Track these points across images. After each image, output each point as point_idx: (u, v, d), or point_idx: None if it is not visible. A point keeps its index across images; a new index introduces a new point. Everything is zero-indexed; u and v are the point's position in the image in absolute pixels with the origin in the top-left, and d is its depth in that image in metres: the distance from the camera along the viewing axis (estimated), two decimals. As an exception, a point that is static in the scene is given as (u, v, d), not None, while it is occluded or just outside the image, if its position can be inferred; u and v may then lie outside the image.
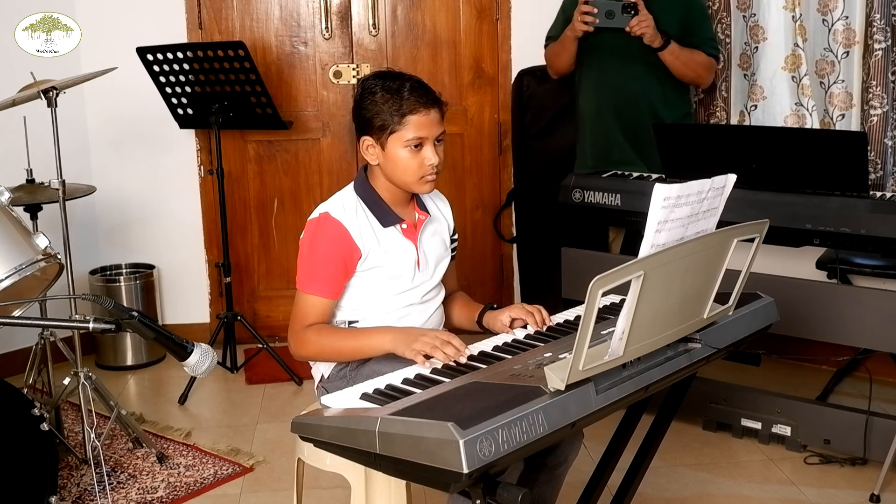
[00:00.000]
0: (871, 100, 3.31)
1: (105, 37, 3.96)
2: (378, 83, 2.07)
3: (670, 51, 3.41)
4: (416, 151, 2.06)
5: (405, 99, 2.03)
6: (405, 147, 2.05)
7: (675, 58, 3.43)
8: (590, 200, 3.31)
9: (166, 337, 1.77)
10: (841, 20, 3.39)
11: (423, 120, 2.04)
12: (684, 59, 3.45)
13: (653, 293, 1.55)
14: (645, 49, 3.42)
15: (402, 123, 2.03)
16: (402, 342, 1.94)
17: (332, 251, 2.07)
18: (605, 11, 3.37)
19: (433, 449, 1.38)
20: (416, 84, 2.07)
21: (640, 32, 3.34)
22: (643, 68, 3.48)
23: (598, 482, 2.11)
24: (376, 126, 2.06)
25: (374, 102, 2.05)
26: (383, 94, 2.04)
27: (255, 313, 4.34)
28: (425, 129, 2.05)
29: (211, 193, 4.19)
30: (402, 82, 2.06)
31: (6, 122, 3.16)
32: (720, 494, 2.87)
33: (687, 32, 3.46)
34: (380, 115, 2.05)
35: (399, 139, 2.05)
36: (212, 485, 2.98)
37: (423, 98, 2.05)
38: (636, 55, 3.46)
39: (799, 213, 2.87)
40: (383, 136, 2.06)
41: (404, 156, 2.06)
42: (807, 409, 3.10)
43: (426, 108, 2.05)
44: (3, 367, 3.63)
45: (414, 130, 2.04)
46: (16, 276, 2.47)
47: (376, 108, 2.05)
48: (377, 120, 2.05)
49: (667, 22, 3.40)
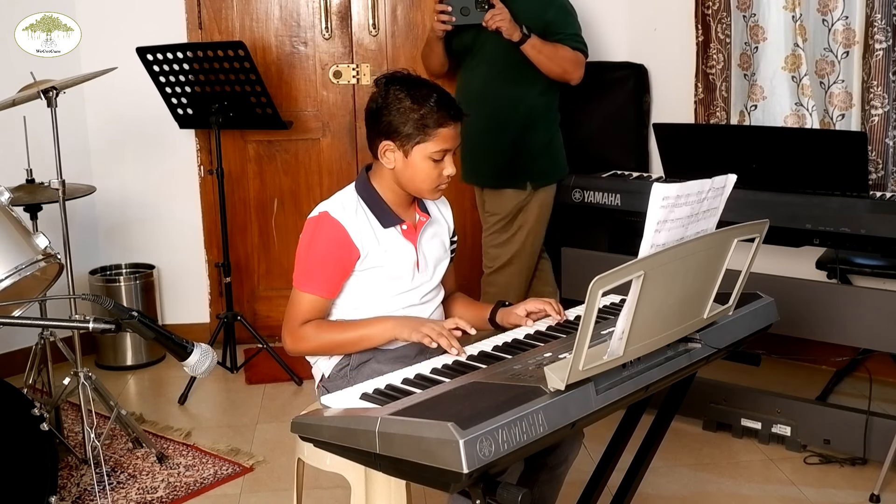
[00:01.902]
0: (872, 100, 3.30)
1: (105, 37, 3.96)
2: (404, 90, 2.06)
3: (531, 44, 3.39)
4: (439, 163, 2.07)
5: (435, 112, 2.04)
6: (429, 158, 2.06)
7: (537, 52, 3.40)
8: (590, 200, 3.31)
9: (166, 337, 1.77)
10: (841, 20, 3.39)
11: (451, 133, 2.06)
12: (548, 54, 3.42)
13: (653, 293, 1.55)
14: (498, 48, 3.42)
15: (431, 135, 2.04)
16: (407, 327, 1.96)
17: (330, 250, 2.08)
18: (460, 8, 3.38)
19: (433, 449, 1.39)
20: (443, 96, 2.07)
21: (496, 26, 3.34)
22: (492, 70, 3.50)
23: (598, 482, 2.11)
24: (403, 133, 2.05)
25: (401, 111, 2.04)
26: (412, 103, 2.04)
27: (255, 313, 4.34)
28: (451, 141, 2.07)
29: (211, 193, 4.19)
30: (429, 91, 2.06)
31: (6, 122, 3.15)
32: (720, 494, 2.87)
33: (549, 30, 3.45)
34: (407, 123, 2.04)
35: (425, 150, 2.05)
36: (212, 485, 2.98)
37: (451, 111, 2.06)
38: (490, 57, 3.48)
39: (799, 213, 2.87)
40: (408, 145, 2.06)
41: (427, 166, 2.07)
42: (807, 409, 3.10)
43: (454, 121, 2.06)
44: (3, 367, 3.63)
45: (441, 143, 2.05)
46: (16, 276, 2.47)
47: (404, 117, 2.04)
48: (404, 128, 2.05)
49: (527, 19, 3.40)
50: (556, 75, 3.49)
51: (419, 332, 1.93)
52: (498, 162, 3.56)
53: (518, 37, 3.37)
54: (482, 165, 3.60)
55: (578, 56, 3.50)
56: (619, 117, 4.13)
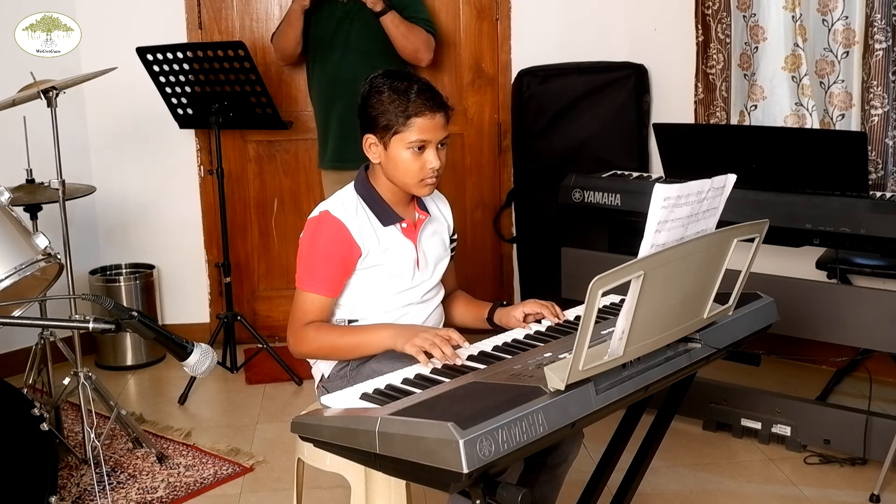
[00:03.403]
0: (871, 100, 3.30)
1: (105, 37, 3.96)
2: (386, 82, 2.06)
3: (391, 18, 3.56)
4: (419, 154, 2.05)
5: (412, 101, 2.02)
6: (408, 149, 2.05)
7: (395, 27, 3.57)
8: (590, 200, 3.31)
9: (166, 337, 1.77)
10: (841, 20, 3.39)
11: (428, 123, 2.04)
12: (404, 31, 3.60)
13: (653, 293, 1.55)
14: (364, 37, 3.58)
15: (407, 125, 2.03)
16: (402, 338, 1.94)
17: (331, 249, 2.07)
18: None
19: (433, 449, 1.38)
20: (423, 86, 2.06)
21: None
22: (359, 58, 3.62)
23: (598, 482, 2.11)
24: (381, 125, 2.05)
25: (380, 101, 2.05)
26: (390, 94, 2.04)
27: (255, 313, 4.34)
28: (429, 132, 2.04)
29: (211, 193, 4.19)
30: (410, 83, 2.05)
31: (6, 122, 3.15)
32: (720, 494, 2.87)
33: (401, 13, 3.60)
34: (385, 114, 2.04)
35: (402, 140, 2.04)
36: (212, 485, 2.98)
37: (429, 101, 2.04)
38: (355, 45, 3.63)
39: (799, 213, 2.87)
40: (387, 136, 2.05)
41: (406, 157, 2.06)
42: (807, 409, 3.10)
43: (432, 111, 2.04)
44: (3, 367, 3.63)
45: (418, 133, 2.04)
46: (16, 276, 2.47)
47: (382, 108, 2.04)
48: (382, 119, 2.05)
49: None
50: (408, 53, 3.66)
51: (412, 344, 1.89)
52: None
53: (380, 7, 3.53)
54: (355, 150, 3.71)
55: (431, 39, 3.71)
56: (619, 117, 4.13)
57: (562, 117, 4.14)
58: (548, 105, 4.16)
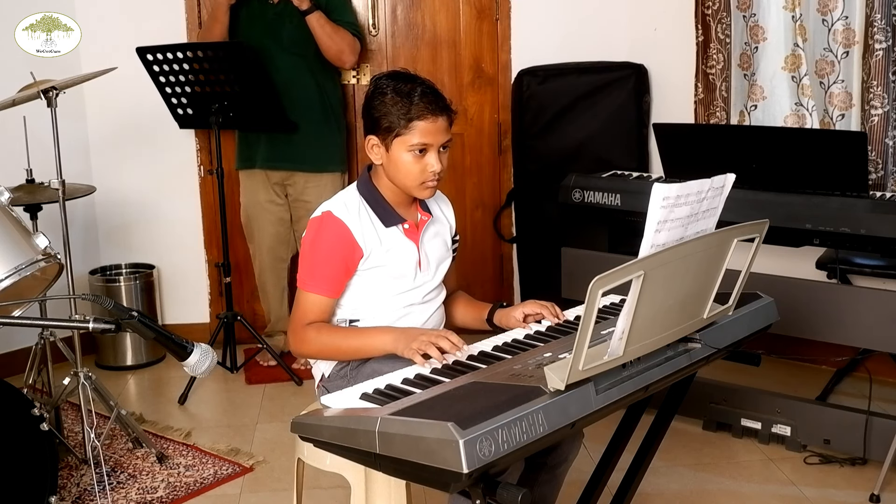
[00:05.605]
0: (871, 100, 3.30)
1: (105, 37, 3.96)
2: (390, 84, 2.06)
3: (317, 17, 3.64)
4: (420, 157, 2.05)
5: (414, 104, 2.02)
6: (409, 151, 2.05)
7: (320, 27, 3.65)
8: (589, 200, 3.31)
9: (166, 337, 1.77)
10: (841, 20, 3.39)
11: (430, 127, 2.04)
12: (330, 31, 3.68)
13: (653, 293, 1.55)
14: (295, 39, 3.67)
15: (409, 128, 2.03)
16: (402, 342, 1.94)
17: (333, 250, 2.07)
18: None
19: (433, 449, 1.38)
20: (427, 89, 2.06)
21: None
22: (293, 59, 3.72)
23: (598, 482, 2.11)
24: (383, 127, 2.05)
25: (383, 103, 2.05)
26: (393, 95, 2.04)
27: (255, 313, 4.33)
28: (431, 135, 2.04)
29: (211, 193, 4.19)
30: (413, 86, 2.05)
31: (6, 122, 3.16)
32: (720, 494, 2.87)
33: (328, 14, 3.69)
34: (387, 116, 2.04)
35: (404, 143, 2.04)
36: (212, 485, 2.98)
37: (432, 104, 2.04)
38: (288, 46, 3.70)
39: (799, 213, 2.87)
40: (388, 138, 2.05)
41: (407, 160, 2.06)
42: (807, 409, 3.10)
43: (434, 114, 2.04)
44: (3, 367, 3.63)
45: (419, 136, 2.03)
46: (16, 276, 2.47)
47: (385, 109, 2.04)
48: (384, 121, 2.05)
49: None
50: (332, 54, 3.74)
51: (410, 348, 1.89)
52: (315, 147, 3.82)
53: (307, 6, 3.60)
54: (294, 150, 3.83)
55: (356, 42, 3.78)
56: (619, 117, 4.13)
57: (562, 117, 4.14)
58: (548, 105, 4.16)
